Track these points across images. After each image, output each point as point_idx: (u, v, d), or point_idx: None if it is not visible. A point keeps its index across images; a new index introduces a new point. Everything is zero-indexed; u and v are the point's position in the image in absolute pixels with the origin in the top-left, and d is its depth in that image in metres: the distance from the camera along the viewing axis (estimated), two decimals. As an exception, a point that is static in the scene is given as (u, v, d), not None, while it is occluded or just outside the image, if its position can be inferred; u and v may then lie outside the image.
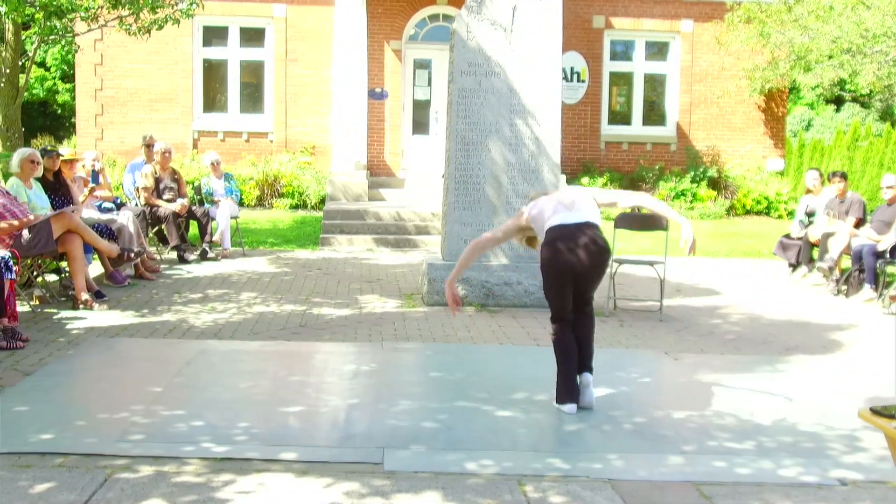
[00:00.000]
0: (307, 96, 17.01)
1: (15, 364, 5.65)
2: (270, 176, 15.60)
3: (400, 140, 17.27)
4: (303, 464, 4.03)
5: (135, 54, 16.32)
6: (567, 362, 4.99)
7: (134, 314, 7.40)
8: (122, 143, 16.42)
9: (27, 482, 3.69)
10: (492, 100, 8.28)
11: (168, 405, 4.84)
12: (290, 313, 7.65)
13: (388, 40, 17.06)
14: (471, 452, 4.21)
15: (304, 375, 5.65)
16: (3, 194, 7.33)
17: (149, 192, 10.42)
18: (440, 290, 8.14)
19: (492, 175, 8.31)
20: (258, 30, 17.22)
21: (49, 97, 32.39)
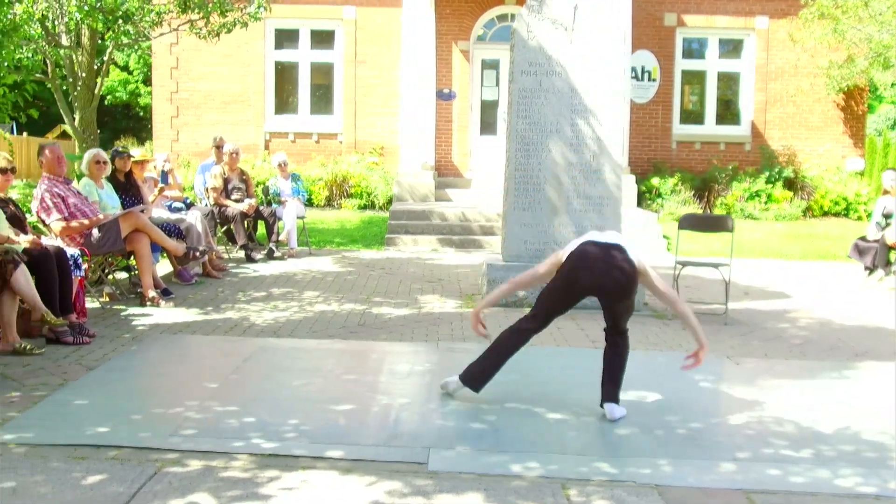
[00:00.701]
0: (376, 97, 17.16)
1: (80, 359, 5.83)
2: (339, 176, 15.78)
3: (467, 140, 17.30)
4: (348, 462, 4.06)
5: (208, 57, 16.70)
6: (496, 355, 5.03)
7: (198, 311, 7.56)
8: (197, 144, 16.80)
9: (80, 473, 3.80)
10: (552, 99, 8.22)
11: (222, 401, 4.93)
12: (349, 312, 7.72)
13: (457, 41, 17.11)
14: (517, 454, 4.18)
15: (357, 374, 5.69)
16: (74, 194, 7.57)
17: (217, 193, 10.64)
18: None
19: (552, 175, 8.25)
20: (328, 32, 17.45)
21: (132, 100, 33.39)
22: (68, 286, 6.48)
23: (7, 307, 5.91)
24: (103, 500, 3.52)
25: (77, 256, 6.82)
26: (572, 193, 8.25)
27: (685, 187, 15.97)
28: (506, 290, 5.28)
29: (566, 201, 8.26)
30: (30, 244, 6.35)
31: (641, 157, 17.04)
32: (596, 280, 4.81)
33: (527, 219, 8.30)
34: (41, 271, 6.19)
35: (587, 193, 8.26)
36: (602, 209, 8.25)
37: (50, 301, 6.14)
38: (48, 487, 3.63)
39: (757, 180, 16.22)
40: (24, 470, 3.82)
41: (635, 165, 16.61)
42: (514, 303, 8.10)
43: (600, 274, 4.79)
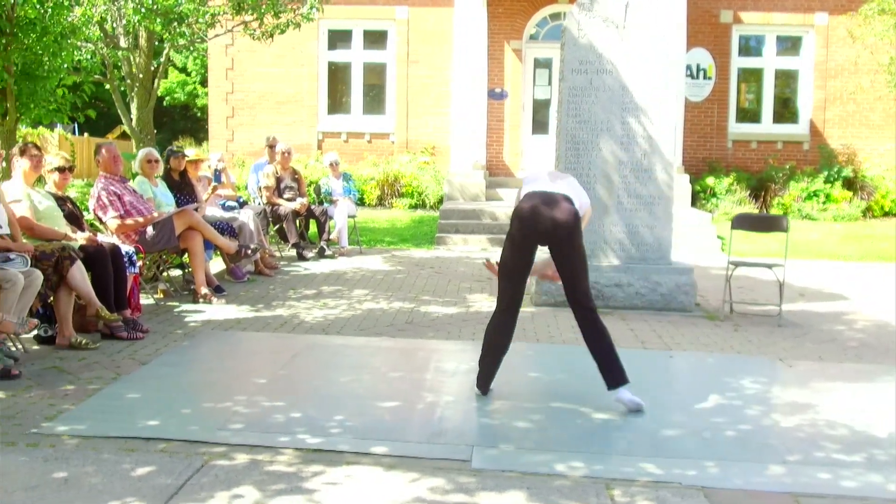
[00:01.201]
0: (428, 97, 17.21)
1: (133, 353, 5.95)
2: (391, 176, 15.86)
3: (519, 140, 17.25)
4: (392, 458, 4.08)
5: (263, 58, 16.91)
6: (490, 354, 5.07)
7: (249, 308, 7.67)
8: (251, 144, 17.02)
9: (129, 465, 3.88)
10: (603, 98, 8.15)
11: (270, 396, 4.99)
12: (398, 310, 7.76)
13: (509, 40, 17.07)
14: (561, 454, 4.15)
15: (403, 372, 5.72)
16: (130, 192, 7.73)
17: (270, 192, 10.77)
18: (548, 290, 8.09)
19: (603, 174, 8.18)
20: (381, 32, 17.54)
21: (189, 101, 33.99)
22: (123, 282, 6.62)
23: (64, 303, 6.05)
24: (151, 491, 3.59)
25: (132, 253, 6.96)
26: (622, 192, 8.18)
27: (741, 187, 15.71)
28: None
29: (616, 200, 8.18)
30: (86, 241, 6.50)
31: (696, 156, 16.81)
32: (541, 222, 4.81)
33: (576, 218, 8.23)
34: (97, 268, 6.34)
35: (638, 192, 8.18)
36: (653, 208, 8.16)
37: (105, 297, 6.28)
38: (99, 478, 3.71)
39: (815, 180, 15.88)
40: (76, 461, 3.91)
41: (689, 165, 16.39)
42: (563, 302, 8.02)
43: (556, 220, 4.79)
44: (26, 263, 5.65)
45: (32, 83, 8.14)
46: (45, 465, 3.85)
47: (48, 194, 6.72)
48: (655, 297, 8.02)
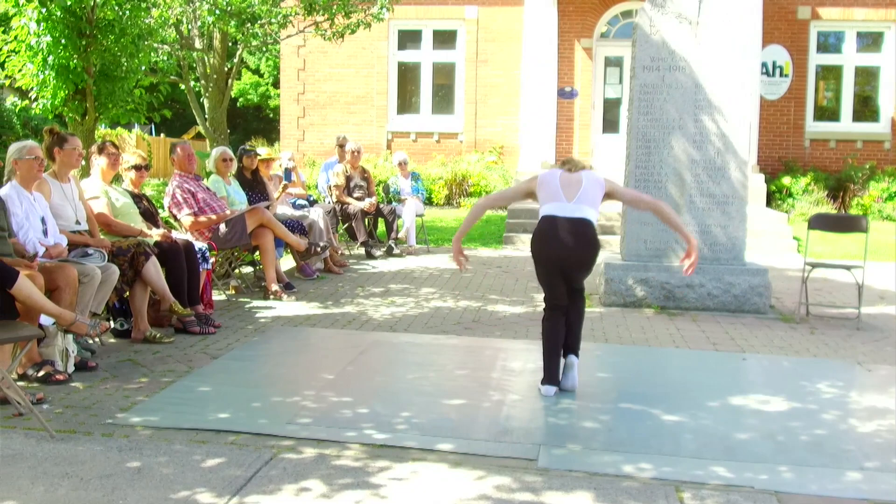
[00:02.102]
0: (497, 97, 17.17)
1: (205, 348, 6.06)
2: (459, 175, 15.86)
3: (589, 139, 17.11)
4: (458, 455, 4.06)
5: (334, 59, 17.10)
6: (552, 348, 5.11)
7: (318, 305, 7.74)
8: (322, 144, 17.23)
9: (200, 456, 3.94)
10: (675, 95, 8.01)
11: (337, 392, 5.03)
12: (465, 309, 7.75)
13: (579, 38, 16.94)
14: (629, 455, 4.09)
15: (470, 370, 5.70)
16: (204, 190, 7.88)
17: (340, 191, 10.87)
18: (618, 290, 7.99)
19: (674, 173, 8.04)
20: (450, 32, 17.58)
21: (262, 102, 34.59)
22: (196, 278, 6.75)
23: (139, 297, 6.20)
24: (221, 482, 3.64)
25: (205, 250, 7.09)
26: (695, 191, 8.03)
27: (818, 187, 15.29)
28: (477, 212, 5.46)
29: (688, 199, 8.03)
30: (161, 237, 6.65)
31: (772, 155, 16.43)
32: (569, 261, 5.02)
33: (647, 217, 8.09)
34: (171, 264, 6.47)
35: (711, 192, 8.02)
36: (726, 208, 7.99)
37: (178, 292, 6.41)
38: (170, 468, 3.78)
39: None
40: (149, 451, 3.99)
41: (765, 164, 16.03)
42: (632, 303, 7.95)
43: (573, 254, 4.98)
44: (103, 259, 5.80)
45: (111, 84, 8.36)
46: (120, 454, 3.94)
47: (125, 192, 6.89)
48: (728, 299, 7.85)
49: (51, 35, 7.77)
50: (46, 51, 7.85)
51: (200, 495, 3.50)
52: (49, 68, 7.95)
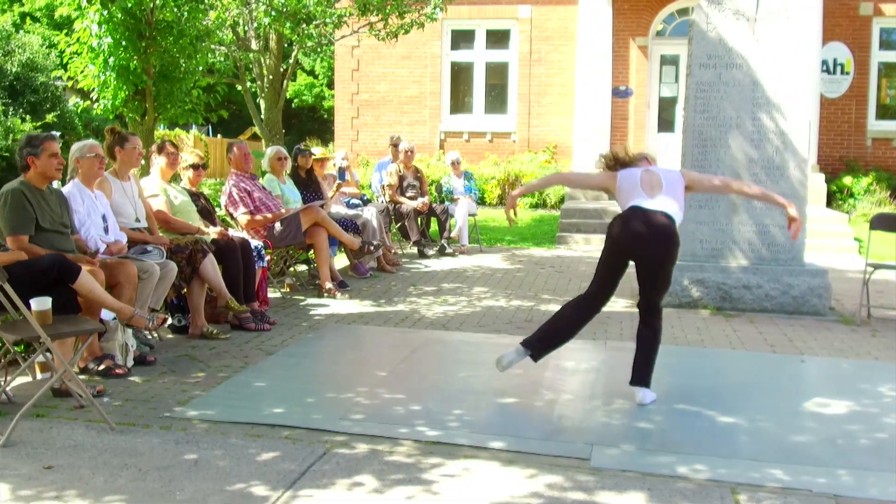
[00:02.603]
0: (550, 96, 17.10)
1: (260, 344, 6.13)
2: (511, 175, 15.83)
3: (644, 138, 16.93)
4: (510, 453, 4.05)
5: (387, 60, 17.18)
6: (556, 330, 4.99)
7: (371, 304, 7.79)
8: (375, 144, 17.33)
9: (255, 450, 3.99)
10: (732, 93, 7.89)
11: (390, 389, 5.05)
12: (517, 308, 7.73)
13: (634, 37, 16.78)
14: (684, 456, 4.03)
15: (522, 369, 5.64)
16: (259, 189, 7.98)
17: (393, 190, 10.93)
18: (672, 290, 7.86)
19: (731, 172, 7.91)
20: (503, 31, 17.55)
21: (317, 103, 34.90)
22: (251, 276, 6.84)
23: (196, 294, 6.30)
24: (275, 476, 3.68)
25: (260, 248, 7.18)
26: (752, 191, 7.88)
27: (881, 187, 14.92)
28: (548, 181, 5.65)
29: (746, 199, 7.89)
30: (218, 235, 6.75)
31: (832, 154, 16.09)
32: (647, 250, 4.80)
33: (703, 216, 8.01)
34: (227, 261, 6.57)
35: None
36: (785, 207, 7.84)
37: (234, 289, 6.50)
38: (226, 461, 3.84)
39: (963, 180, 14.95)
40: (206, 444, 4.06)
41: (825, 163, 15.70)
42: (688, 304, 7.85)
43: (652, 243, 4.78)
44: (162, 255, 5.91)
45: (169, 84, 8.52)
46: (177, 447, 4.01)
47: (183, 190, 7.01)
48: (787, 300, 7.70)
49: (112, 37, 7.95)
50: (107, 52, 8.03)
51: (255, 488, 3.54)
52: (110, 69, 8.13)
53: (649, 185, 4.92)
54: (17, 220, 4.92)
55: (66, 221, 5.27)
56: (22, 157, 5.11)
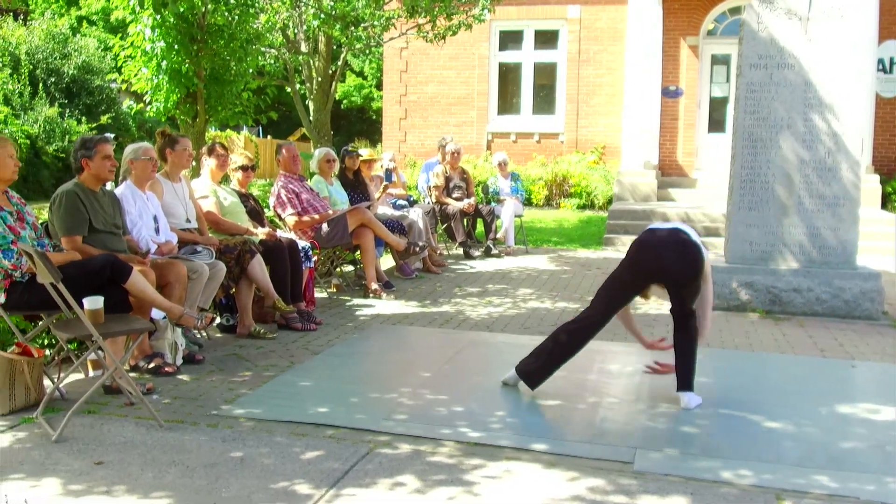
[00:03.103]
0: (599, 97, 17.01)
1: (306, 344, 6.21)
2: (559, 176, 15.79)
3: (694, 139, 16.76)
4: (552, 456, 4.05)
5: (436, 61, 17.23)
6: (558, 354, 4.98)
7: (417, 304, 7.83)
8: (422, 145, 17.39)
9: (300, 448, 4.05)
10: (784, 93, 7.78)
11: (433, 390, 5.08)
12: (562, 310, 7.70)
13: (685, 36, 16.61)
14: (728, 461, 3.99)
15: (566, 371, 5.62)
16: (307, 190, 8.07)
17: (439, 191, 10.96)
18: (721, 293, 7.80)
19: (782, 173, 7.80)
20: (552, 32, 17.50)
21: (365, 104, 35.12)
22: (299, 276, 6.92)
23: (244, 294, 6.40)
24: (319, 474, 3.73)
25: (308, 249, 7.26)
26: (804, 192, 7.77)
27: (936, 189, 14.58)
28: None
29: (797, 201, 7.78)
30: (266, 236, 6.84)
31: (887, 155, 15.74)
32: (661, 263, 4.79)
33: (753, 219, 7.91)
34: (274, 261, 6.65)
35: (821, 193, 7.75)
36: (837, 209, 7.71)
37: (281, 289, 6.58)
38: (271, 459, 3.90)
39: None
40: (252, 442, 4.12)
41: (880, 164, 15.37)
42: (736, 307, 7.76)
43: (665, 257, 4.78)
44: (211, 256, 6.02)
45: (220, 87, 8.67)
46: (224, 444, 4.08)
47: (233, 191, 7.12)
48: (838, 304, 7.57)
49: (164, 41, 8.11)
50: (160, 56, 8.20)
51: (299, 486, 3.59)
52: (162, 73, 8.30)
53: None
54: (72, 221, 5.05)
55: (119, 222, 5.39)
56: (76, 159, 5.24)
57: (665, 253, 4.80)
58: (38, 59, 20.60)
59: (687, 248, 4.78)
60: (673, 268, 4.79)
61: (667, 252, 4.80)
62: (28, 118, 18.52)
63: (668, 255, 4.79)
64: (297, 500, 3.46)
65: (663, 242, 4.84)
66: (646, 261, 4.87)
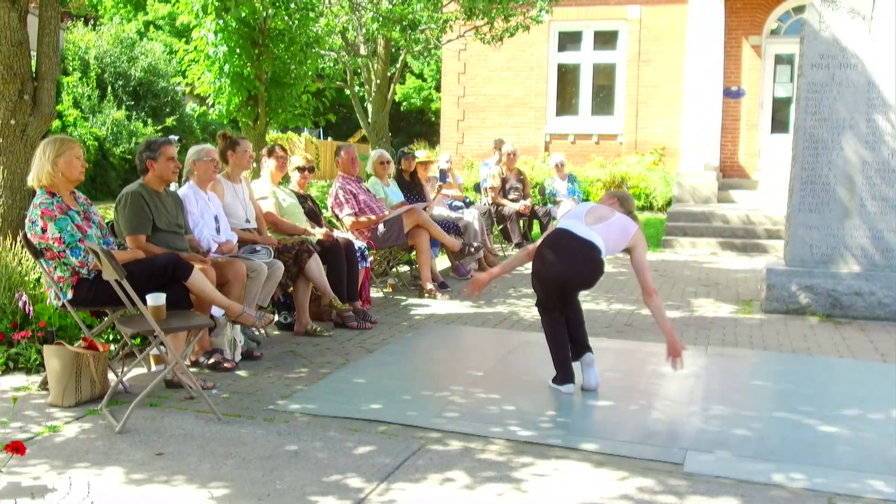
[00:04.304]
0: (659, 97, 16.87)
1: (362, 342, 6.31)
2: (617, 177, 15.70)
3: (756, 140, 16.52)
4: (601, 455, 4.07)
5: (494, 62, 17.27)
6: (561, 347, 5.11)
7: (471, 304, 7.89)
8: (480, 146, 17.44)
9: (352, 443, 4.13)
10: (846, 94, 7.65)
11: (485, 388, 5.13)
12: (617, 312, 7.68)
13: (747, 36, 16.39)
14: (780, 464, 3.96)
15: (619, 373, 5.66)
16: (364, 191, 8.18)
17: (495, 192, 11.01)
18: (780, 296, 7.71)
19: (844, 175, 7.67)
20: (611, 32, 17.41)
21: (425, 106, 35.32)
22: (354, 276, 7.03)
23: (301, 293, 6.53)
24: (371, 468, 3.81)
25: (364, 249, 7.37)
26: (866, 194, 7.63)
27: None
28: (517, 261, 5.39)
29: (859, 203, 7.65)
30: (323, 236, 6.97)
31: (958, 156, 15.30)
32: (568, 280, 5.03)
33: (813, 221, 7.79)
34: (331, 261, 6.77)
35: (884, 195, 7.60)
36: (901, 212, 7.56)
37: (338, 289, 6.70)
38: (325, 453, 3.99)
39: None
40: (306, 436, 4.22)
41: (950, 166, 14.94)
42: (795, 310, 7.65)
43: (571, 274, 4.99)
44: (270, 255, 6.15)
45: (280, 90, 8.85)
46: (279, 438, 4.19)
47: (291, 192, 7.27)
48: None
49: (227, 45, 8.31)
50: (223, 60, 8.40)
51: (351, 480, 3.68)
52: (225, 76, 8.50)
53: (590, 217, 5.03)
54: (136, 220, 5.22)
55: (181, 222, 5.55)
56: (141, 160, 5.41)
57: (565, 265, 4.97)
58: (106, 63, 21.22)
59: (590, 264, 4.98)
60: (571, 282, 5.07)
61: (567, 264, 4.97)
62: (96, 121, 19.09)
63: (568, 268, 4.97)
64: (348, 493, 3.54)
65: (567, 253, 4.96)
66: (547, 269, 5.02)
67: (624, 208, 5.21)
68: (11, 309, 5.34)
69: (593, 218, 5.03)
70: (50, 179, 4.78)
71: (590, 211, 5.09)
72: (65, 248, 4.73)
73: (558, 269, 4.96)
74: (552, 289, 5.06)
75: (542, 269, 5.04)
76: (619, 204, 5.23)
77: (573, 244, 4.95)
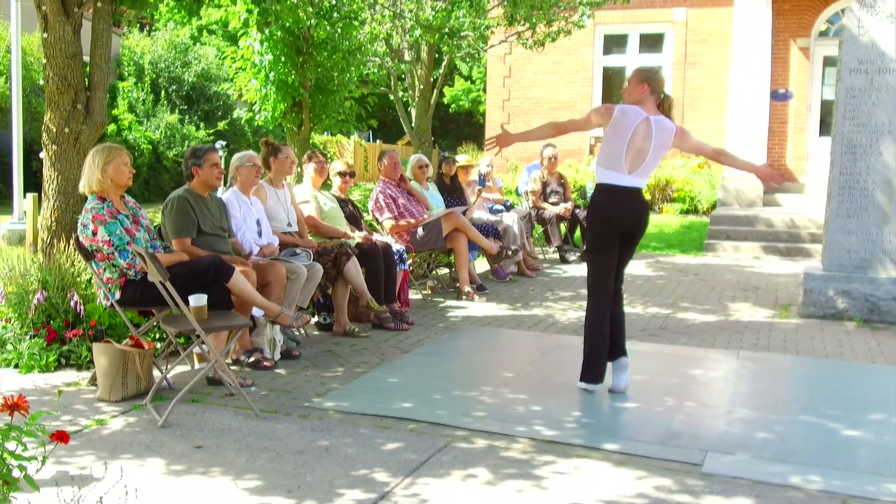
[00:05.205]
0: (705, 100, 16.80)
1: (397, 343, 6.49)
2: (661, 180, 15.68)
3: (804, 143, 16.37)
4: (622, 455, 4.18)
5: (539, 65, 17.36)
6: (600, 342, 5.16)
7: (508, 307, 8.02)
8: (524, 149, 17.49)
9: (381, 440, 4.31)
10: (885, 99, 7.62)
11: (514, 389, 5.27)
12: (652, 315, 7.76)
13: (795, 38, 16.25)
14: (799, 466, 4.04)
15: (647, 375, 5.74)
16: (404, 195, 8.37)
17: (536, 195, 11.12)
18: (816, 301, 7.72)
19: (883, 180, 7.64)
20: (657, 35, 17.39)
21: (473, 108, 35.47)
22: (392, 278, 7.21)
23: (340, 294, 6.73)
24: (397, 464, 3.98)
25: (402, 252, 7.55)
26: (905, 199, 7.60)
27: None
28: (544, 131, 5.45)
29: (898, 208, 7.62)
30: (362, 239, 7.16)
31: None
32: (631, 228, 5.13)
33: (851, 226, 7.77)
34: (369, 264, 6.96)
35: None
36: (941, 217, 7.51)
37: (375, 291, 6.89)
38: (354, 449, 4.17)
39: None
40: (338, 432, 4.41)
41: None
42: (832, 315, 7.64)
43: (634, 221, 5.12)
44: (310, 258, 6.36)
45: (324, 96, 9.09)
46: (312, 434, 4.38)
47: (332, 196, 7.48)
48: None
49: (272, 53, 8.57)
50: (268, 68, 8.66)
51: (377, 474, 3.85)
52: (270, 84, 8.76)
53: (635, 151, 5.01)
54: (181, 224, 5.46)
55: (225, 226, 5.79)
56: (187, 167, 5.66)
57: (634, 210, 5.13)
58: (160, 68, 21.77)
59: (646, 212, 5.21)
60: (640, 225, 5.19)
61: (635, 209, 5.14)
62: (150, 124, 19.61)
63: (636, 213, 5.14)
64: (374, 487, 3.72)
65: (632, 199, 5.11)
66: (620, 217, 5.11)
67: (654, 93, 5.14)
68: (64, 308, 5.61)
69: (636, 162, 5.04)
70: (100, 186, 5.04)
71: (628, 150, 5.01)
72: (113, 250, 4.98)
73: (625, 214, 5.12)
74: (615, 237, 5.13)
75: (609, 210, 5.13)
76: (649, 90, 5.16)
77: (628, 193, 5.10)
